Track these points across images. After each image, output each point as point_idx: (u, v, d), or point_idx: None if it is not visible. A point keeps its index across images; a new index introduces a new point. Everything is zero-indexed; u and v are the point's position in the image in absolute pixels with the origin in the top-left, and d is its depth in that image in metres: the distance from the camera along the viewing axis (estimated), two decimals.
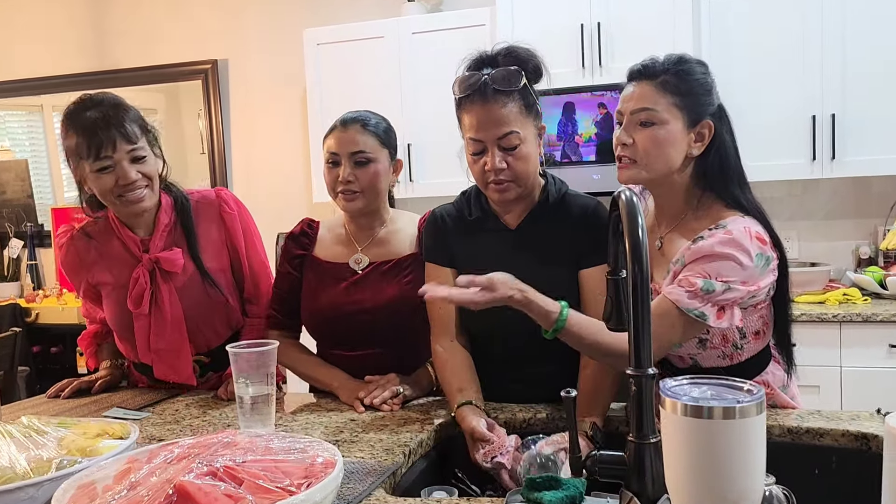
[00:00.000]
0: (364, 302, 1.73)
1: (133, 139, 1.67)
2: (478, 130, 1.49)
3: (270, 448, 1.07)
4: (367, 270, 1.76)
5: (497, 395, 1.59)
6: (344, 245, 1.81)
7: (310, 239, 1.83)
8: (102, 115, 1.66)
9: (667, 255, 1.42)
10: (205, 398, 1.77)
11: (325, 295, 1.76)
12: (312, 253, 1.81)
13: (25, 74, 4.51)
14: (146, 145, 1.71)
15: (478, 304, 1.28)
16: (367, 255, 1.78)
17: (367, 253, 1.78)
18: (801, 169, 2.99)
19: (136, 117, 1.71)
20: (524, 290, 1.29)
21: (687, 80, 1.40)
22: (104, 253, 1.81)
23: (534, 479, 1.09)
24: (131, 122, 1.68)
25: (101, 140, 1.64)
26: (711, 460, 0.78)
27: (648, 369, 1.01)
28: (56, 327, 3.80)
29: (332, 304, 1.75)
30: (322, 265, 1.79)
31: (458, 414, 1.45)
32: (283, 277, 1.84)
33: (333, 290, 1.75)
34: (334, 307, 1.74)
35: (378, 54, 3.49)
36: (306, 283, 1.80)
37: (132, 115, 1.70)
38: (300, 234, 1.84)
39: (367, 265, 1.76)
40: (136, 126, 1.69)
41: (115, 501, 0.91)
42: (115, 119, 1.65)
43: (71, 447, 1.13)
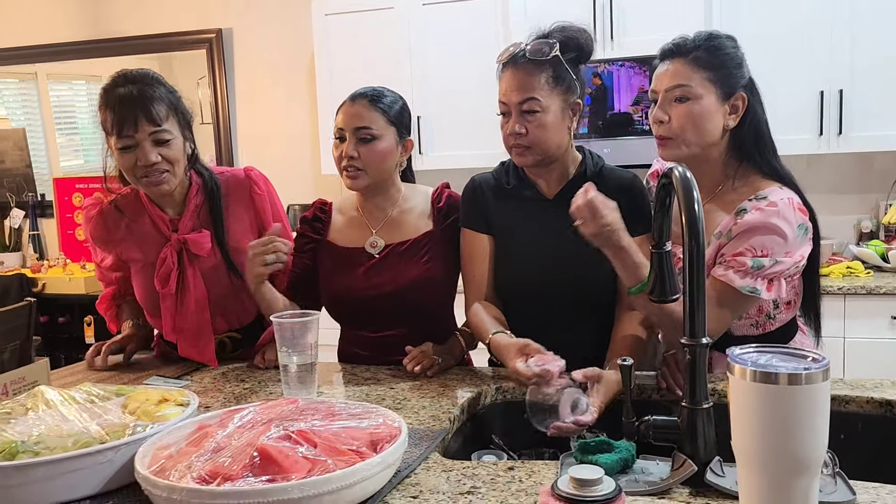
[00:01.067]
0: (384, 286, 1.72)
1: (157, 121, 1.63)
2: (504, 94, 1.56)
3: (334, 414, 1.12)
4: (383, 253, 1.74)
5: None
6: (358, 228, 1.78)
7: (323, 223, 1.81)
8: (131, 93, 1.63)
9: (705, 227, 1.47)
10: (240, 367, 1.81)
11: (344, 280, 1.75)
12: (327, 238, 1.80)
13: (22, 42, 4.44)
14: (174, 128, 1.67)
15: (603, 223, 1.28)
16: (381, 238, 1.76)
17: (381, 235, 1.76)
18: (807, 144, 3.04)
19: (167, 98, 1.67)
20: (630, 239, 1.32)
21: (718, 55, 1.44)
22: (134, 229, 1.80)
23: (587, 442, 1.13)
24: (160, 102, 1.64)
25: (124, 118, 1.62)
26: (778, 424, 0.83)
27: (702, 339, 1.06)
28: (63, 297, 3.80)
29: (351, 289, 1.74)
30: (338, 250, 1.78)
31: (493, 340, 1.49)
32: (295, 259, 1.81)
33: (352, 276, 1.74)
34: (354, 292, 1.73)
35: (387, 25, 3.48)
36: (322, 268, 1.79)
37: (162, 96, 1.66)
38: (313, 219, 1.81)
39: (382, 248, 1.75)
40: (165, 107, 1.65)
41: (202, 465, 0.94)
42: (141, 98, 1.62)
43: (138, 412, 1.16)
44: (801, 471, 0.84)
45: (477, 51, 3.39)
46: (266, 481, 0.92)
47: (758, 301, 1.39)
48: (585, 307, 1.62)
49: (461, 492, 1.06)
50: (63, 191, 4.41)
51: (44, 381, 1.43)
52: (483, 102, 3.38)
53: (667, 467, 1.09)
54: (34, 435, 1.06)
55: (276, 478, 0.92)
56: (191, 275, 1.75)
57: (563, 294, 1.59)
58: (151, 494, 0.96)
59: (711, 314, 1.34)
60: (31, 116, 4.68)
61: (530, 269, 1.62)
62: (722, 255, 1.41)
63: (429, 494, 1.05)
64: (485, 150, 3.43)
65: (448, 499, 1.04)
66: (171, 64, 4.29)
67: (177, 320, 1.76)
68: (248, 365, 1.82)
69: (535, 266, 1.61)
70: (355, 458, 0.99)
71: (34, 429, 1.09)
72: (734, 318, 1.42)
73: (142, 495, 1.04)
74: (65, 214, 4.40)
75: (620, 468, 1.09)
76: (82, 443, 1.05)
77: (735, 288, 1.36)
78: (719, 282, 1.38)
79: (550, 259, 1.60)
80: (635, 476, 1.09)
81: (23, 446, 1.02)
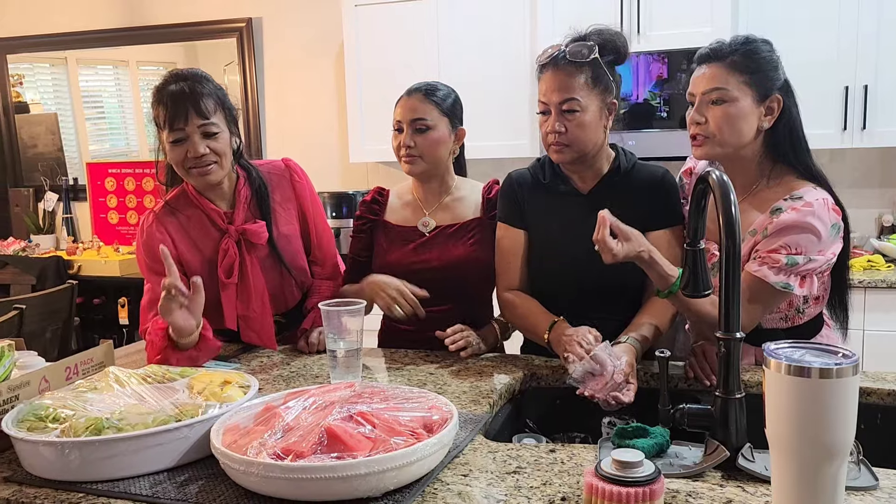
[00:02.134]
0: (432, 261, 1.86)
1: (205, 114, 1.71)
2: (544, 94, 1.64)
3: (388, 398, 1.20)
4: (433, 233, 1.89)
5: None
6: (412, 209, 1.93)
7: (380, 206, 1.96)
8: (182, 89, 1.71)
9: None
10: (283, 350, 1.90)
11: (395, 254, 1.89)
12: (383, 218, 1.94)
13: (56, 29, 4.53)
14: (220, 122, 1.75)
15: (616, 255, 1.39)
16: (433, 219, 1.90)
17: (433, 217, 1.91)
18: (831, 138, 3.08)
19: (215, 94, 1.76)
20: (651, 251, 1.42)
21: (754, 59, 1.50)
22: (188, 228, 1.84)
23: (624, 427, 1.21)
24: (208, 97, 1.73)
25: (176, 112, 1.70)
26: (810, 414, 0.90)
27: (736, 333, 1.13)
28: (98, 279, 3.92)
29: (401, 262, 1.87)
30: (392, 228, 1.92)
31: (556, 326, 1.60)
32: (356, 241, 1.97)
33: (403, 250, 1.89)
34: (404, 265, 1.87)
35: (416, 16, 3.54)
36: (377, 245, 1.93)
37: (210, 91, 1.75)
38: (372, 202, 1.97)
39: (433, 228, 1.89)
40: (213, 102, 1.74)
41: (275, 443, 1.03)
42: (191, 94, 1.71)
43: (205, 393, 1.25)
44: (830, 457, 0.91)
45: (504, 41, 3.45)
46: (334, 458, 1.00)
47: (790, 296, 1.46)
48: (614, 298, 1.69)
49: (508, 471, 1.14)
50: (96, 175, 4.52)
51: (109, 362, 1.52)
52: (510, 93, 3.46)
53: (699, 452, 1.17)
54: (116, 412, 1.16)
55: (342, 455, 1.01)
56: (250, 264, 1.83)
57: (594, 286, 1.66)
58: (228, 468, 1.05)
59: (744, 308, 1.42)
60: (62, 101, 4.79)
61: (563, 262, 1.70)
62: (756, 251, 1.48)
63: (478, 473, 1.13)
64: (511, 140, 3.50)
65: (496, 477, 1.12)
66: (195, 51, 4.37)
67: (239, 308, 1.83)
68: (292, 348, 1.91)
69: (567, 258, 1.69)
70: (412, 439, 1.07)
71: (115, 406, 1.18)
72: (766, 313, 1.49)
73: (213, 468, 1.13)
74: (97, 198, 4.52)
75: (656, 452, 1.17)
76: (160, 420, 1.14)
77: (769, 283, 1.43)
78: (754, 277, 1.45)
79: (583, 252, 1.66)
80: (670, 460, 1.17)
81: (107, 422, 1.12)
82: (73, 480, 1.10)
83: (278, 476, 0.99)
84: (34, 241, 4.31)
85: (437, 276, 1.84)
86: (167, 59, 4.52)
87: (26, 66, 4.77)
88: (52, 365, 1.40)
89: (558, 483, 1.10)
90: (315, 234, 2.00)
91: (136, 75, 4.62)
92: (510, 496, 1.06)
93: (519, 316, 1.73)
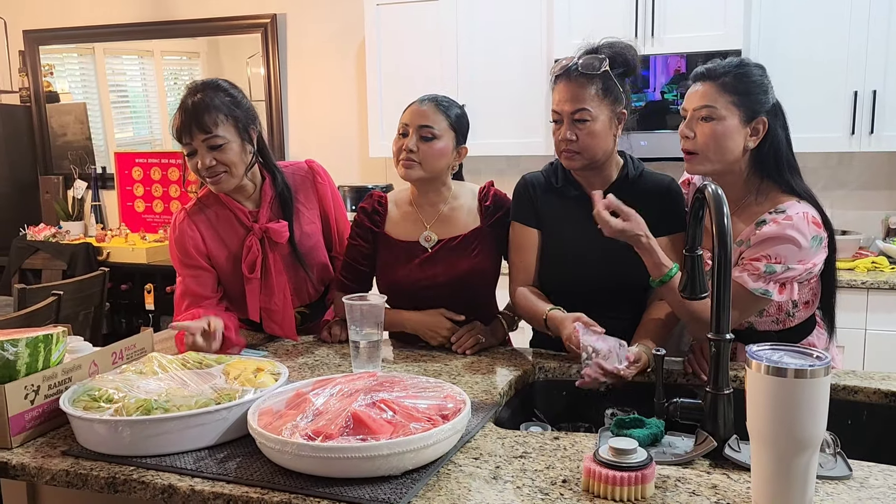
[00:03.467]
0: (438, 276, 1.90)
1: (208, 129, 1.77)
2: (557, 104, 1.73)
3: (407, 387, 1.32)
4: (436, 248, 1.91)
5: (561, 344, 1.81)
6: (412, 223, 1.95)
7: (380, 216, 1.97)
8: (190, 103, 1.80)
9: None
10: (307, 340, 2.02)
11: (401, 271, 1.93)
12: (384, 230, 1.96)
13: (86, 21, 4.67)
14: (228, 133, 1.81)
15: (613, 228, 1.53)
16: (434, 233, 1.92)
17: (434, 230, 1.92)
18: (839, 142, 3.15)
19: (224, 106, 1.81)
20: (650, 238, 1.55)
21: (744, 81, 1.60)
22: (216, 224, 1.94)
23: (623, 419, 1.32)
24: (215, 110, 1.79)
25: (183, 127, 1.80)
26: (785, 410, 1.01)
27: (726, 335, 1.24)
28: (125, 266, 4.06)
29: (408, 279, 1.91)
30: (394, 243, 1.94)
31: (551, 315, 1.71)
32: (353, 248, 1.99)
33: (408, 267, 1.92)
34: (411, 282, 1.91)
35: (436, 17, 3.64)
36: (381, 259, 1.96)
37: (219, 104, 1.80)
38: (372, 212, 1.97)
39: (436, 243, 1.92)
40: (221, 114, 1.79)
41: (306, 425, 1.15)
42: (195, 109, 1.78)
43: (241, 379, 1.37)
44: (802, 449, 1.02)
45: (521, 43, 3.54)
46: (360, 440, 1.12)
47: (769, 302, 1.56)
48: (622, 299, 1.80)
49: (515, 455, 1.26)
50: (123, 164, 4.67)
51: (149, 348, 1.65)
52: (525, 92, 3.56)
53: (690, 442, 1.28)
54: (162, 394, 1.28)
55: (366, 438, 1.13)
56: (272, 260, 1.93)
57: (603, 287, 1.77)
58: (264, 447, 1.18)
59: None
60: (89, 90, 4.93)
61: (574, 263, 1.80)
62: (742, 259, 1.58)
63: (488, 457, 1.25)
64: (526, 138, 3.60)
65: (504, 461, 1.24)
66: (218, 44, 4.49)
67: (262, 301, 1.95)
68: (315, 338, 2.03)
69: (578, 260, 1.79)
70: (428, 425, 1.19)
71: (160, 389, 1.31)
72: (746, 316, 1.60)
73: (249, 447, 1.26)
74: (125, 187, 4.67)
75: (650, 442, 1.28)
76: (202, 403, 1.27)
77: (748, 289, 1.54)
78: (735, 283, 1.54)
79: (592, 254, 1.77)
80: (663, 449, 1.28)
81: (156, 403, 1.24)
82: (125, 455, 1.23)
83: (309, 455, 1.11)
84: (64, 228, 4.46)
85: (444, 292, 1.90)
86: (191, 50, 4.65)
87: (56, 56, 4.92)
88: (100, 350, 1.53)
89: (560, 467, 1.21)
90: (336, 232, 2.11)
91: (160, 65, 4.75)
92: (516, 478, 1.17)
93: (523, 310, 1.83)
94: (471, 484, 1.15)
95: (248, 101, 1.91)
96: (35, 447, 1.31)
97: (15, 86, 4.92)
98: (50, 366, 1.38)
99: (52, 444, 1.32)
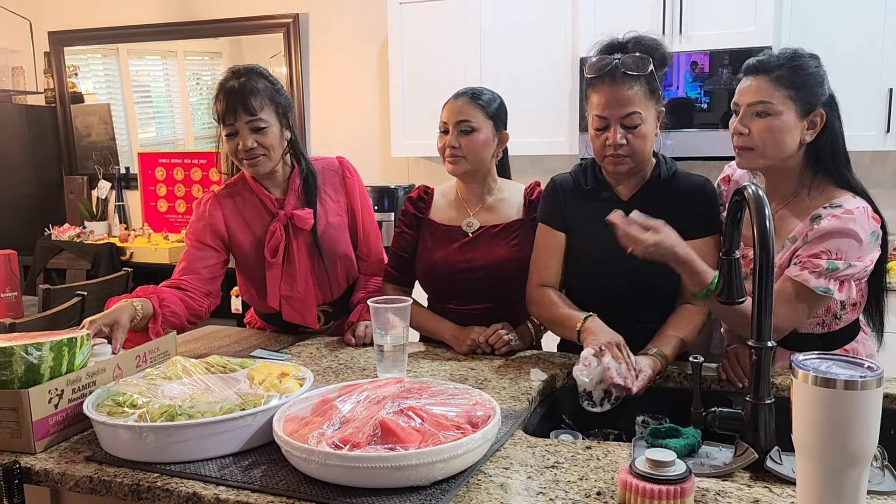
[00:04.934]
0: (476, 260, 1.92)
1: (253, 111, 1.83)
2: (604, 108, 1.64)
3: (435, 394, 1.28)
4: (477, 233, 1.95)
5: None
6: (456, 209, 2.00)
7: (426, 203, 2.04)
8: (234, 86, 1.85)
9: (778, 232, 1.58)
10: (330, 342, 2.00)
11: (440, 253, 1.96)
12: (429, 216, 2.01)
13: (111, 23, 4.69)
14: (270, 117, 1.87)
15: (646, 246, 1.43)
16: (477, 219, 1.97)
17: (477, 217, 1.97)
18: (874, 140, 3.07)
19: (266, 91, 1.87)
20: (687, 249, 1.46)
21: (800, 74, 1.53)
22: (243, 210, 1.99)
23: (658, 428, 1.28)
24: (259, 94, 1.85)
25: (227, 109, 1.85)
26: (835, 423, 0.96)
27: (768, 342, 1.19)
28: (148, 266, 4.08)
29: (446, 261, 1.95)
30: (437, 227, 1.99)
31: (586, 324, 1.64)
32: (400, 237, 2.04)
33: (448, 249, 1.95)
34: (449, 264, 1.94)
35: (459, 15, 3.60)
36: (422, 243, 2.01)
37: (261, 88, 1.86)
38: (417, 199, 2.04)
39: (477, 228, 1.96)
40: (265, 98, 1.86)
41: (333, 433, 1.12)
42: (241, 91, 1.84)
43: (265, 384, 1.35)
44: (853, 464, 0.97)
45: (545, 40, 3.50)
46: (388, 449, 1.09)
47: (829, 300, 1.51)
48: (649, 303, 1.75)
49: (546, 465, 1.22)
50: (147, 165, 4.68)
51: (173, 352, 1.63)
52: (550, 91, 3.51)
53: (729, 453, 1.23)
54: (186, 400, 1.26)
55: (395, 447, 1.10)
56: (296, 247, 1.96)
57: (632, 291, 1.72)
58: (290, 455, 1.15)
59: (785, 311, 1.49)
60: (113, 91, 4.96)
61: (602, 267, 1.75)
62: (798, 256, 1.52)
63: (519, 466, 1.21)
64: (551, 137, 3.56)
65: (536, 471, 1.20)
66: (241, 44, 4.50)
67: (283, 288, 1.97)
68: (339, 340, 2.01)
69: (606, 264, 1.74)
70: (458, 433, 1.15)
71: (184, 394, 1.29)
72: (807, 317, 1.54)
73: (274, 454, 1.23)
74: (148, 187, 4.69)
75: (687, 452, 1.24)
76: (226, 409, 1.24)
77: (809, 288, 1.48)
78: (794, 282, 1.49)
79: (622, 258, 1.72)
80: (700, 460, 1.23)
81: (180, 409, 1.22)
82: (149, 461, 1.21)
83: (336, 464, 1.08)
84: (88, 228, 4.49)
85: (480, 276, 1.92)
86: (214, 50, 4.66)
87: (81, 57, 4.95)
88: (124, 353, 1.52)
89: (594, 478, 1.17)
90: (362, 230, 2.10)
91: (183, 65, 4.77)
92: (549, 489, 1.14)
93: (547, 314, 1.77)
94: (502, 495, 1.12)
95: (285, 90, 1.97)
96: (59, 452, 1.29)
97: (40, 87, 4.96)
98: (74, 369, 1.36)
99: (75, 450, 1.30)
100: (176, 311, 1.84)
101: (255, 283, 2.04)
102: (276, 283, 1.98)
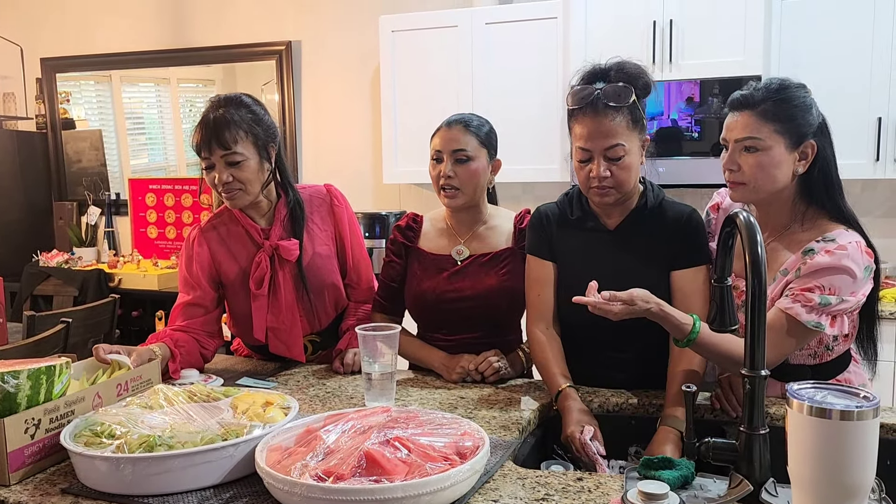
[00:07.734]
0: (464, 290, 1.89)
1: (227, 145, 1.79)
2: (587, 140, 1.61)
3: (422, 423, 1.25)
4: (466, 262, 1.92)
5: (581, 376, 1.73)
6: (446, 238, 1.97)
7: (414, 232, 2.00)
8: (211, 118, 1.81)
9: (769, 264, 1.56)
10: (318, 369, 1.97)
11: (429, 282, 1.93)
12: (417, 245, 1.98)
13: (104, 49, 4.70)
14: (247, 150, 1.82)
15: (617, 315, 1.44)
16: (467, 248, 1.94)
17: (467, 246, 1.94)
18: (864, 168, 3.08)
19: (245, 123, 1.82)
20: (660, 304, 1.44)
21: (787, 107, 1.50)
22: (228, 241, 1.95)
23: (650, 459, 1.25)
24: (235, 126, 1.80)
25: (202, 142, 1.81)
26: (831, 455, 0.94)
27: (761, 371, 1.17)
28: (136, 292, 4.03)
29: (434, 290, 1.91)
30: (426, 256, 1.96)
31: (563, 394, 1.61)
32: (388, 266, 2.01)
33: (436, 279, 1.92)
34: (437, 294, 1.91)
35: (451, 43, 3.63)
36: (411, 272, 1.97)
37: (239, 120, 1.81)
38: (406, 228, 2.01)
39: (467, 257, 1.93)
40: (241, 131, 1.81)
41: (316, 465, 1.09)
42: (217, 124, 1.80)
43: (249, 413, 1.31)
44: (850, 496, 0.94)
45: (537, 69, 3.52)
46: (372, 482, 1.06)
47: (819, 335, 1.49)
48: (637, 331, 1.71)
49: (536, 498, 1.18)
50: (137, 191, 4.66)
51: (156, 380, 1.60)
52: (541, 118, 3.52)
53: (724, 485, 1.20)
54: (167, 430, 1.22)
55: (380, 479, 1.06)
56: (281, 278, 1.92)
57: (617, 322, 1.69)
58: (272, 487, 1.11)
59: (775, 343, 1.45)
60: (105, 117, 4.96)
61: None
62: (790, 288, 1.50)
63: (508, 499, 1.18)
64: (541, 165, 3.56)
65: None
66: (234, 70, 4.51)
67: (268, 319, 1.94)
68: (327, 367, 1.98)
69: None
70: (446, 465, 1.12)
71: (165, 424, 1.25)
72: (795, 350, 1.51)
73: (256, 486, 1.19)
74: (138, 213, 4.66)
75: (681, 484, 1.20)
76: (208, 439, 1.21)
77: (800, 322, 1.45)
78: (786, 314, 1.46)
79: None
80: (694, 492, 1.20)
81: (159, 440, 1.19)
82: (127, 494, 1.17)
83: (320, 497, 1.04)
84: (77, 254, 4.45)
85: (468, 305, 1.89)
86: (207, 77, 4.67)
87: (73, 84, 4.95)
88: (104, 382, 1.48)
89: None
90: (351, 258, 2.07)
91: (176, 92, 4.78)
92: None
93: (538, 363, 1.74)
94: None
95: (269, 118, 1.92)
96: (34, 484, 1.25)
97: (31, 113, 4.95)
98: (52, 398, 1.33)
99: (51, 482, 1.26)
100: (191, 350, 1.86)
101: (240, 314, 2.01)
102: (262, 314, 1.95)
